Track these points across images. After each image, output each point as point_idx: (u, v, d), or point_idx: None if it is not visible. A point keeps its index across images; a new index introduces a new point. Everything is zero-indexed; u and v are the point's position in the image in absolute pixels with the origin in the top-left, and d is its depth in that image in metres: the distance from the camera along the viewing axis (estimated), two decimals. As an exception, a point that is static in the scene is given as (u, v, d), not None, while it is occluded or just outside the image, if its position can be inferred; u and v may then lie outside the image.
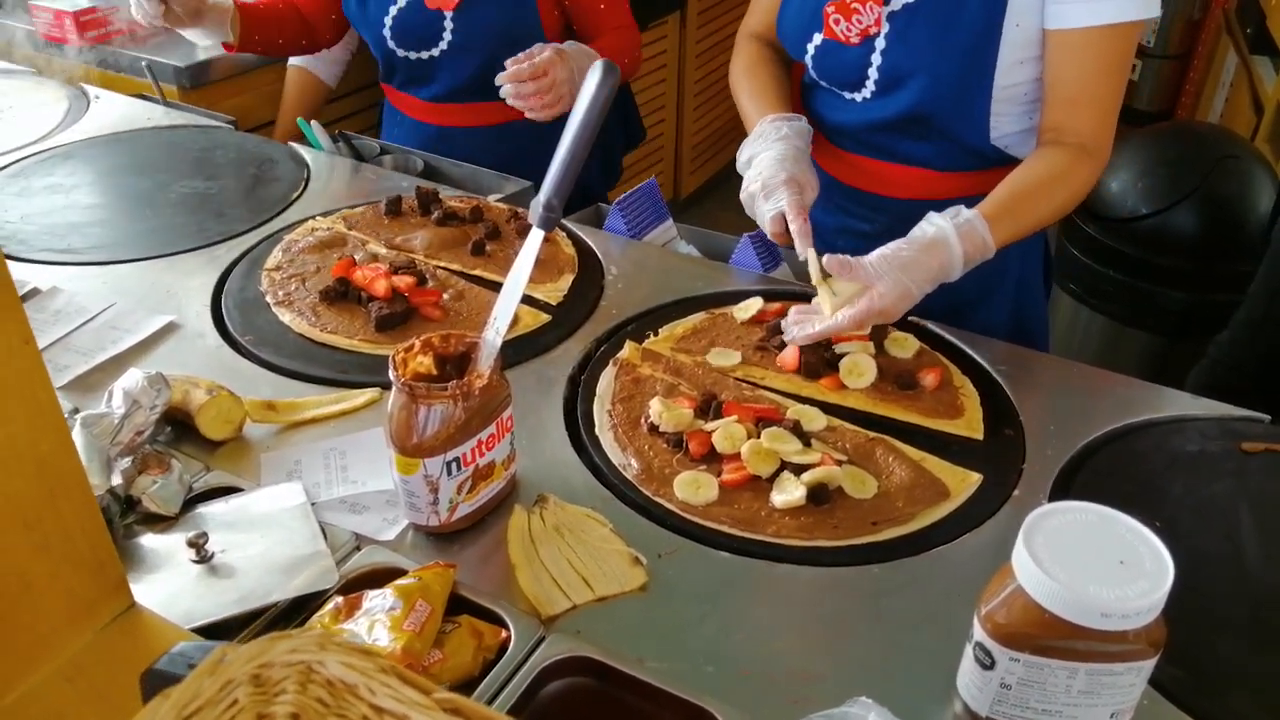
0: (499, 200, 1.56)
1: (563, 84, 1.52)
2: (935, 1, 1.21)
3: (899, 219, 1.37)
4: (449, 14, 1.65)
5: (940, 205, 1.34)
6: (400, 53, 1.72)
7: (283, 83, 2.19)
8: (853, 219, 1.43)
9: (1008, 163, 1.30)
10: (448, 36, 1.66)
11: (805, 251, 1.16)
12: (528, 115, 1.55)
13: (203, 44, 1.68)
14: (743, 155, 1.31)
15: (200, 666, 0.37)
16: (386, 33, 1.70)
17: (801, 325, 1.14)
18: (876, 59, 1.27)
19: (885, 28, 1.25)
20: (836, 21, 1.28)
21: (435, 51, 1.69)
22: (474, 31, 1.66)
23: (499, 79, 1.52)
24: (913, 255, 1.09)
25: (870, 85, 1.30)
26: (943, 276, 1.12)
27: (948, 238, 1.11)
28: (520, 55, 1.51)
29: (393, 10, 1.68)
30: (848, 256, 1.09)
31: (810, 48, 1.33)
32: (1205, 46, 4.26)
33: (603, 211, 1.56)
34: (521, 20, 1.67)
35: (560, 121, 1.28)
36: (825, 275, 1.13)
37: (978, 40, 1.20)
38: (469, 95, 1.73)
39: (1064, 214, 1.24)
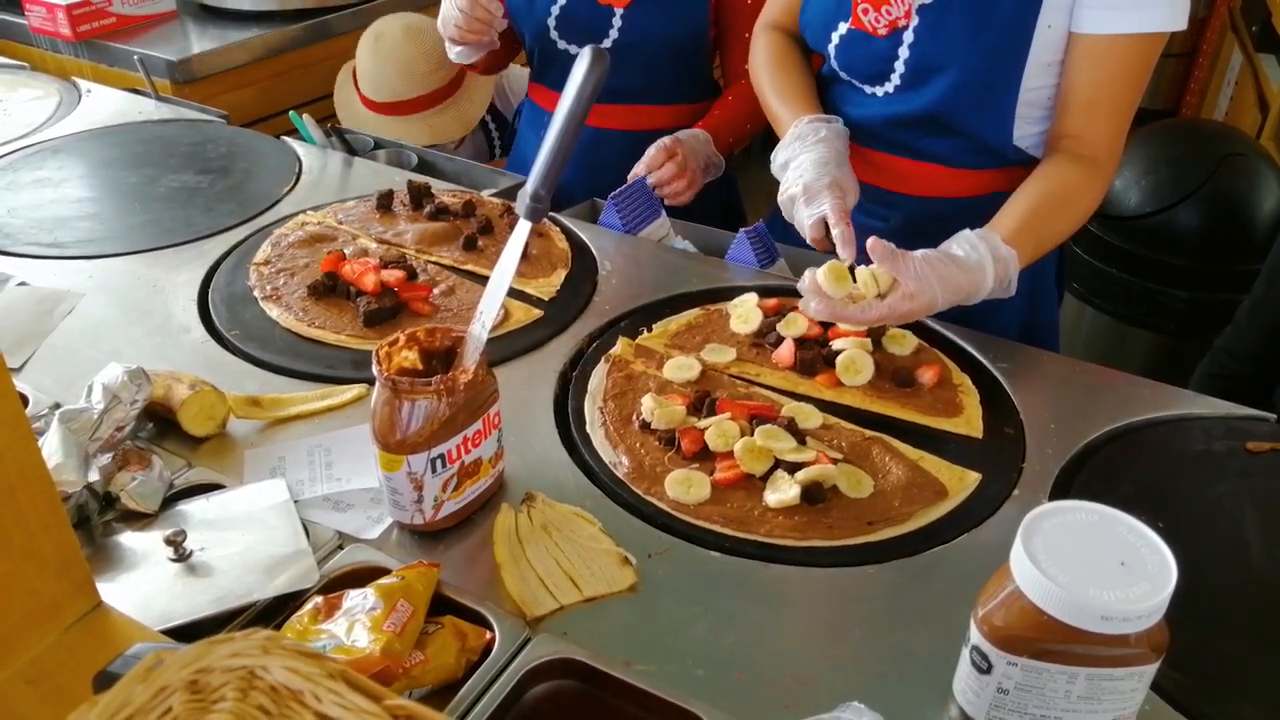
0: (492, 195, 1.54)
1: (692, 159, 1.53)
2: None
3: (915, 216, 1.35)
4: (619, 10, 1.61)
5: (958, 203, 1.32)
6: (561, 45, 1.67)
7: (275, 78, 2.17)
8: (868, 216, 1.40)
9: (1028, 163, 1.28)
10: (614, 34, 1.62)
11: (849, 257, 1.12)
12: (670, 202, 1.53)
13: (464, 60, 1.70)
14: (779, 158, 1.28)
15: (133, 672, 0.35)
16: (551, 22, 1.65)
17: (820, 300, 1.07)
18: (904, 53, 1.24)
19: (915, 21, 1.21)
20: (865, 11, 1.25)
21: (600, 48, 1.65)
22: (641, 32, 1.62)
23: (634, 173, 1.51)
24: (954, 274, 1.07)
25: (895, 79, 1.27)
26: (964, 301, 1.10)
27: (985, 269, 1.09)
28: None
29: (561, 1, 1.63)
30: (893, 246, 1.06)
31: (835, 38, 1.30)
32: (1210, 44, 4.24)
33: (597, 206, 1.54)
34: (689, 27, 1.65)
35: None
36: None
37: (1008, 39, 1.18)
38: (629, 97, 1.68)
39: (1075, 231, 1.22)
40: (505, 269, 0.92)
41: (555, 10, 1.63)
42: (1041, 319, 1.43)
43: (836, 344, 1.15)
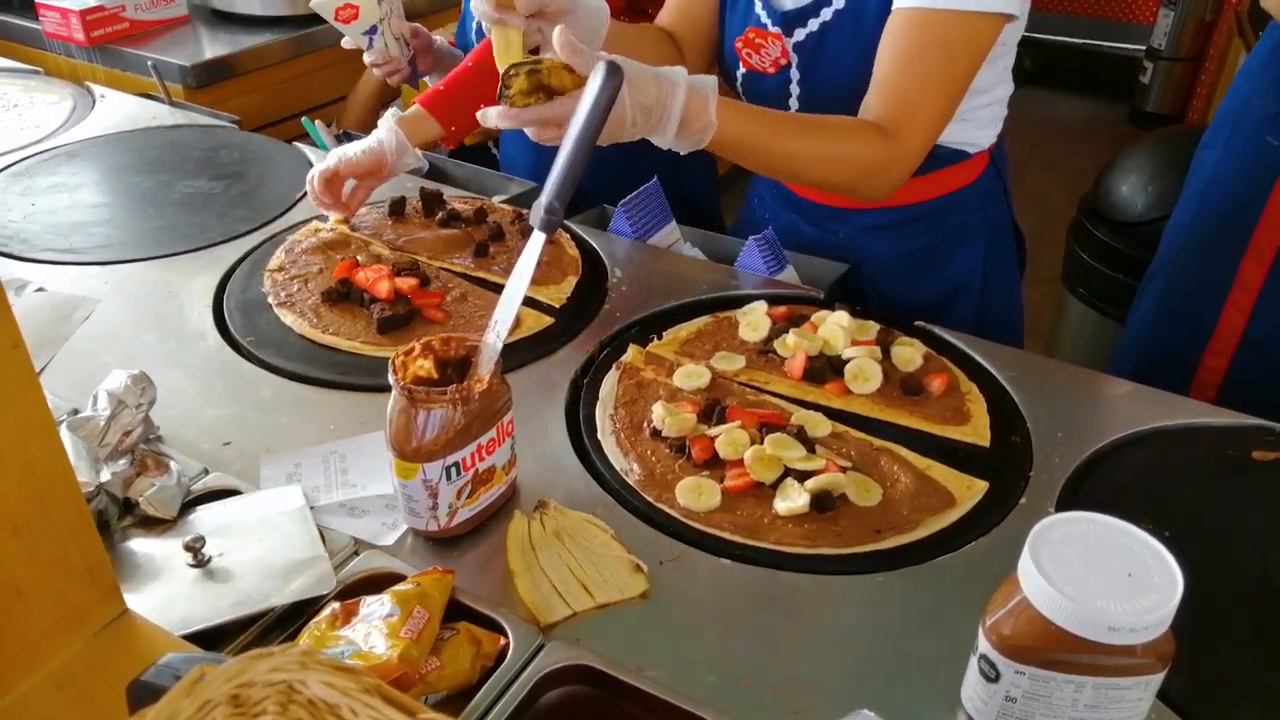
0: (503, 201, 1.55)
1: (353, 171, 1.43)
2: (836, 28, 1.20)
3: (861, 228, 1.40)
4: None
5: (900, 211, 1.36)
6: None
7: (286, 83, 2.19)
8: (820, 230, 1.44)
9: (956, 158, 1.31)
10: None
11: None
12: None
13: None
14: None
15: (178, 685, 0.36)
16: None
17: (501, 112, 1.03)
18: (795, 89, 1.30)
19: (794, 58, 1.27)
20: (750, 55, 1.32)
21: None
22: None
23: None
24: (644, 71, 1.02)
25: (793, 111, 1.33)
26: (657, 111, 1.03)
27: (678, 83, 1.04)
28: None
29: None
30: (578, 44, 1.00)
31: (740, 77, 1.37)
32: (1217, 49, 4.24)
33: (607, 213, 1.55)
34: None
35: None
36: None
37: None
38: None
39: (827, 170, 1.18)
40: (520, 280, 0.93)
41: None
42: (999, 302, 1.44)
43: (846, 353, 1.16)
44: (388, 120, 1.41)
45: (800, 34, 1.25)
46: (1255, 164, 1.44)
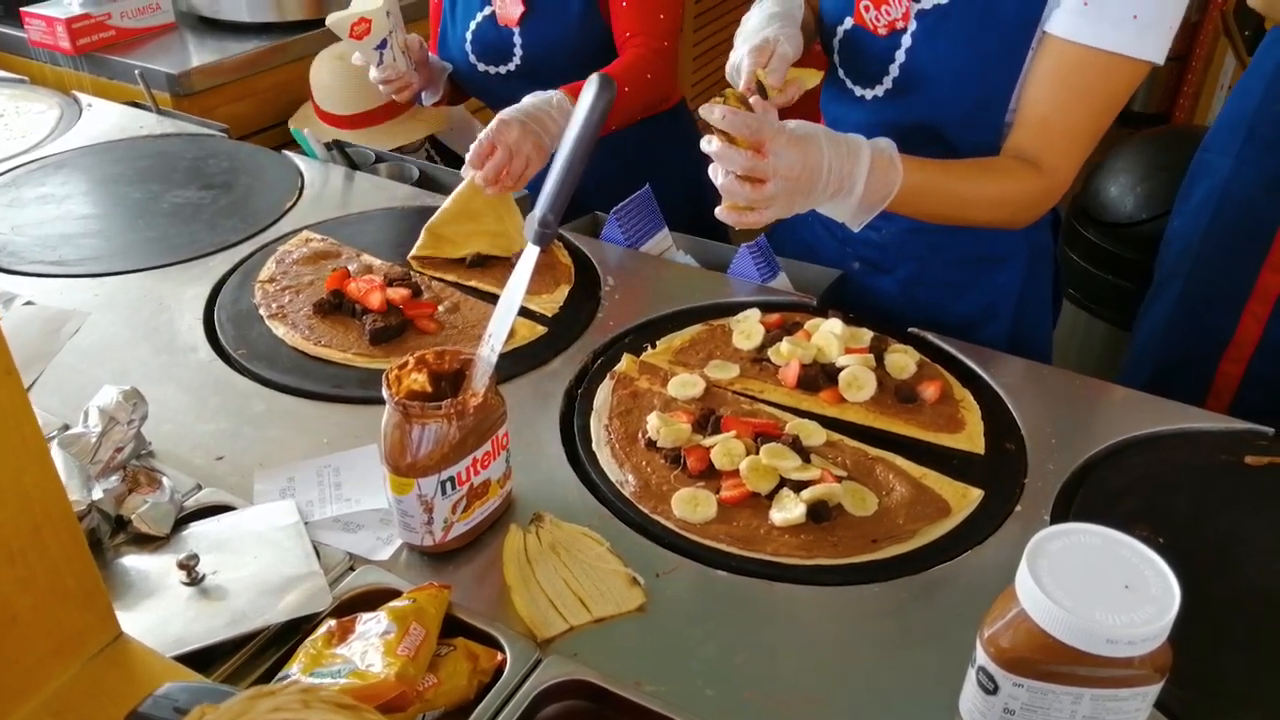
0: (494, 210, 1.54)
1: (520, 145, 1.39)
2: (966, 7, 1.19)
3: (910, 228, 1.36)
4: (516, 30, 1.66)
5: None
6: (481, 67, 1.73)
7: (274, 90, 2.17)
8: (866, 227, 1.42)
9: None
10: (519, 52, 1.68)
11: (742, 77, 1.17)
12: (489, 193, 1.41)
13: (428, 103, 1.86)
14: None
15: (180, 728, 0.36)
16: (467, 46, 1.72)
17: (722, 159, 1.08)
18: (900, 56, 1.25)
19: (913, 25, 1.23)
20: (867, 9, 1.27)
21: (511, 67, 1.71)
22: (543, 46, 1.65)
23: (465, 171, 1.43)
24: (835, 136, 1.09)
25: (887, 82, 1.28)
26: (841, 183, 1.10)
27: (862, 144, 1.10)
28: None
29: (472, 25, 1.70)
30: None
31: (840, 31, 1.32)
32: (1203, 49, 4.26)
33: (599, 220, 1.55)
34: (589, 37, 1.65)
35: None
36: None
37: (1005, 51, 1.18)
38: None
39: (991, 211, 1.20)
40: (514, 292, 0.93)
41: (468, 35, 1.70)
42: (1030, 333, 1.44)
43: (840, 360, 1.16)
44: (556, 93, 1.45)
45: (929, 1, 1.22)
46: (1273, 173, 1.44)
